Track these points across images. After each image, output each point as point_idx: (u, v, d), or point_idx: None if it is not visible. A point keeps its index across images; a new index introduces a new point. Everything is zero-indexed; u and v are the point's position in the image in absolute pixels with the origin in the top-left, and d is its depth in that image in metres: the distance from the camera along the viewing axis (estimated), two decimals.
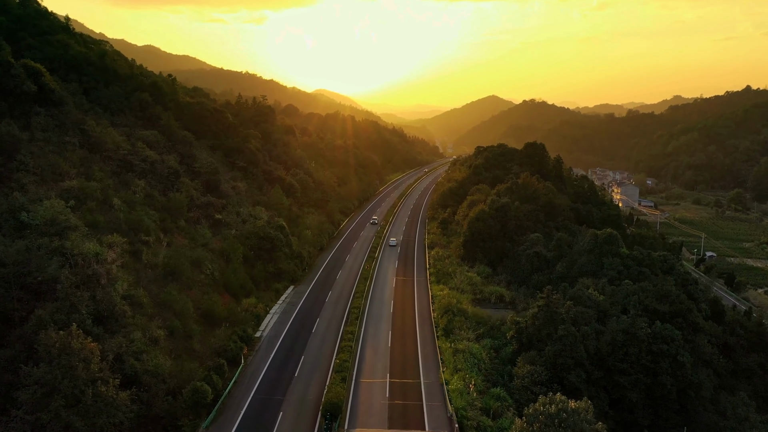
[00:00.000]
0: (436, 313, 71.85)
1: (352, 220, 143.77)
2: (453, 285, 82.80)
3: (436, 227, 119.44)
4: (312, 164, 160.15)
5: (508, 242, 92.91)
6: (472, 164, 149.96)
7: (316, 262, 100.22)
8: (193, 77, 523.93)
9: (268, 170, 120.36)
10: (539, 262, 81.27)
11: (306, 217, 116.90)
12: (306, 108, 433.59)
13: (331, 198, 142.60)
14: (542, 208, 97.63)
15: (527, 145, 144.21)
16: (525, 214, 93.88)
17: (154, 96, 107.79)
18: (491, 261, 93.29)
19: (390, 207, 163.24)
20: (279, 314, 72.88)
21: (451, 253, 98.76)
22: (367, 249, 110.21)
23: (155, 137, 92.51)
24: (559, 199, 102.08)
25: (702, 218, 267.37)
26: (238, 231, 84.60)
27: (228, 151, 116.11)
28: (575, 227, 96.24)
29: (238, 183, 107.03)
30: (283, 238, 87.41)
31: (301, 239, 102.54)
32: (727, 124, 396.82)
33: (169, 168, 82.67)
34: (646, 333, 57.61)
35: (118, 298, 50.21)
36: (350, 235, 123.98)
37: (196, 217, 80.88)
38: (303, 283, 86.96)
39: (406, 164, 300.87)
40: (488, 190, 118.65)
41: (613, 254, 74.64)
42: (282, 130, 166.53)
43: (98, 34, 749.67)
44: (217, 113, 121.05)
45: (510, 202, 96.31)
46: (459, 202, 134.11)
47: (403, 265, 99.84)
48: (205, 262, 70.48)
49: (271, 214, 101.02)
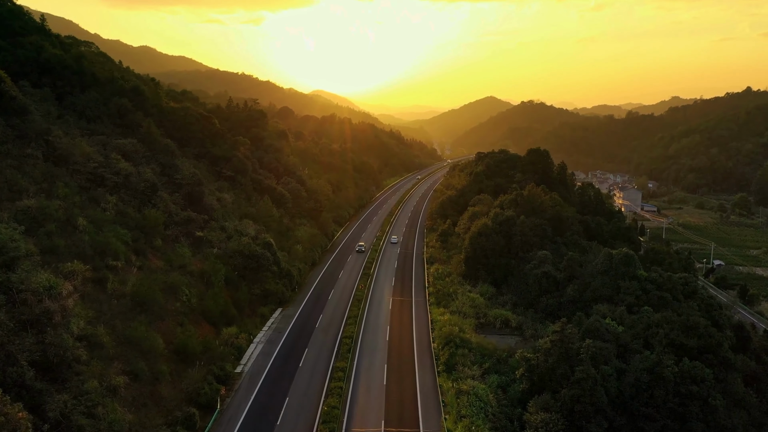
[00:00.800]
0: (436, 343, 65.28)
1: (347, 230, 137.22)
2: (454, 308, 76.27)
3: (435, 239, 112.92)
4: (305, 171, 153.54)
5: (513, 259, 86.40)
6: (472, 171, 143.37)
7: (308, 279, 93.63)
8: (188, 78, 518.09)
9: (257, 179, 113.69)
10: (548, 283, 74.80)
11: (297, 229, 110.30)
12: (303, 110, 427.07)
13: (325, 207, 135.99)
14: (549, 221, 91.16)
15: (530, 151, 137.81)
16: (531, 229, 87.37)
17: (134, 101, 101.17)
18: (495, 279, 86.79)
19: (387, 215, 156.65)
20: (264, 343, 66.27)
21: (451, 270, 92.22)
22: (362, 264, 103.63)
23: (134, 146, 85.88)
24: (566, 211, 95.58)
25: (706, 223, 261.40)
26: (221, 249, 77.90)
27: (215, 160, 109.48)
28: (585, 243, 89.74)
29: (225, 194, 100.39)
30: (270, 256, 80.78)
31: (292, 255, 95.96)
32: (729, 127, 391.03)
33: (145, 181, 75.97)
34: (673, 372, 51.15)
35: (72, 341, 43.58)
36: (345, 248, 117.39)
37: (174, 235, 74.19)
38: (292, 305, 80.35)
39: (404, 168, 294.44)
40: (490, 201, 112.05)
41: (630, 277, 68.24)
42: (275, 135, 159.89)
43: (93, 35, 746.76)
44: (203, 119, 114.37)
45: (515, 215, 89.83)
46: (459, 212, 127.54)
47: (401, 282, 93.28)
48: (182, 288, 63.78)
49: (259, 229, 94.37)
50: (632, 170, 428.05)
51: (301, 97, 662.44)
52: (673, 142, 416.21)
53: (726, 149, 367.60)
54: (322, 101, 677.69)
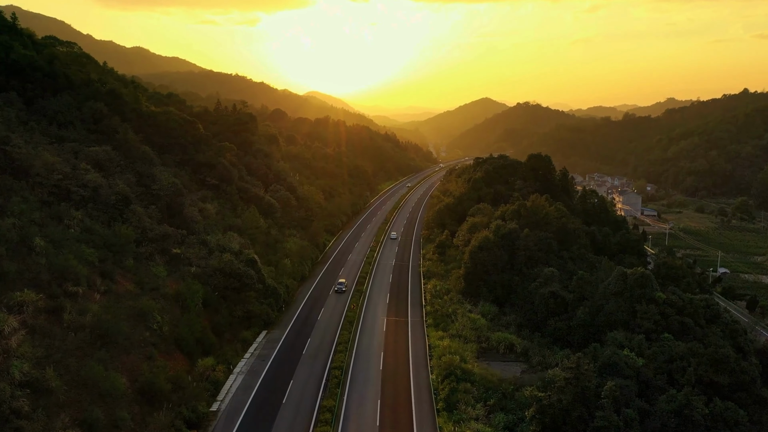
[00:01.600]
0: (435, 373, 59.14)
1: (340, 239, 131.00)
2: (454, 331, 70.21)
3: (432, 251, 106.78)
4: (297, 177, 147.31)
5: (517, 276, 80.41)
6: (470, 177, 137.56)
7: (296, 296, 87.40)
8: (181, 79, 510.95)
9: (243, 188, 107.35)
10: (556, 304, 68.79)
11: (287, 241, 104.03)
12: (297, 111, 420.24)
13: (317, 215, 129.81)
14: (554, 234, 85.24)
15: (531, 157, 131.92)
16: (535, 243, 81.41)
17: (111, 105, 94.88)
18: (497, 297, 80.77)
19: (381, 223, 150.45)
20: (245, 374, 60.03)
21: (450, 286, 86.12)
22: (354, 278, 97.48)
23: (108, 154, 79.58)
24: (573, 223, 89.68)
25: (707, 228, 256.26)
26: (200, 268, 71.53)
27: (198, 167, 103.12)
28: (593, 258, 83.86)
29: (208, 204, 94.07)
30: (254, 274, 74.48)
31: (279, 270, 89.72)
32: (728, 129, 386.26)
33: (117, 194, 69.62)
34: (703, 415, 45.16)
35: (11, 390, 37.37)
36: (337, 260, 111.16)
37: (148, 253, 67.80)
38: (278, 327, 74.11)
39: (399, 171, 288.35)
40: (491, 211, 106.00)
41: (648, 299, 62.35)
42: (265, 140, 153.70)
43: (85, 36, 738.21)
44: (186, 124, 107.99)
45: (518, 228, 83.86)
46: (457, 221, 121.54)
47: (396, 299, 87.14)
48: (153, 314, 57.39)
49: (244, 243, 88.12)
50: (630, 173, 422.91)
51: (295, 98, 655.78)
52: (671, 144, 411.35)
53: (725, 152, 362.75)
54: (317, 102, 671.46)
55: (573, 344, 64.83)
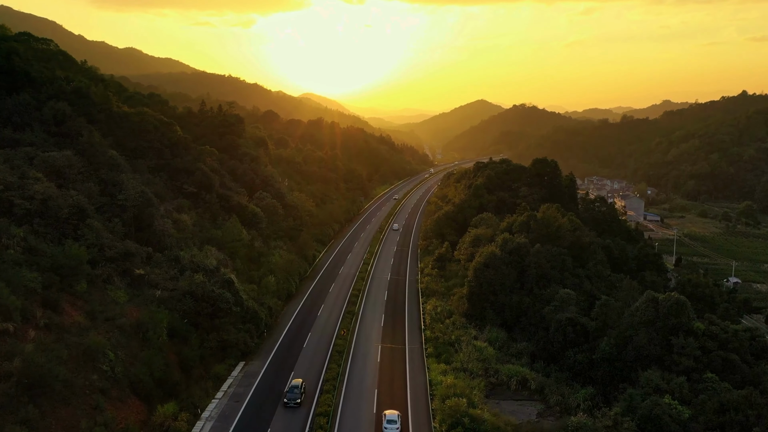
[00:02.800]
0: (438, 419, 50.30)
1: (331, 249, 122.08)
2: (458, 363, 61.43)
3: (431, 265, 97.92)
4: (285, 182, 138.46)
5: (527, 296, 71.77)
6: (471, 184, 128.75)
7: (281, 318, 78.46)
8: (173, 80, 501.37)
9: (225, 195, 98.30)
10: (575, 333, 60.20)
11: (272, 254, 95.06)
12: (292, 113, 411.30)
13: (307, 224, 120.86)
14: (568, 249, 76.69)
15: (536, 162, 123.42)
16: (548, 260, 72.86)
17: (76, 105, 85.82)
18: (505, 320, 72.12)
19: (376, 231, 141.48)
20: (214, 420, 51.11)
21: (452, 307, 77.34)
22: (346, 296, 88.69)
23: (67, 160, 70.50)
24: (587, 236, 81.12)
25: (712, 234, 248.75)
26: (167, 291, 62.52)
27: (175, 173, 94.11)
28: (612, 276, 75.38)
29: (184, 215, 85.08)
30: (230, 297, 65.48)
31: (262, 288, 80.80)
32: (729, 131, 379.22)
33: (71, 206, 60.58)
34: None
35: None
36: (328, 274, 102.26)
37: (105, 274, 58.76)
38: (258, 356, 65.18)
39: (395, 175, 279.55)
40: (496, 221, 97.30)
41: (685, 331, 53.85)
42: (252, 143, 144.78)
43: (77, 36, 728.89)
44: (163, 125, 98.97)
45: (527, 242, 75.26)
46: (457, 231, 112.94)
47: (391, 321, 78.31)
48: (104, 351, 48.46)
49: (223, 259, 79.22)
50: (629, 176, 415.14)
51: (289, 100, 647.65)
52: (671, 147, 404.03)
53: (727, 155, 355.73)
54: (312, 105, 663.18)
55: (596, 381, 56.29)
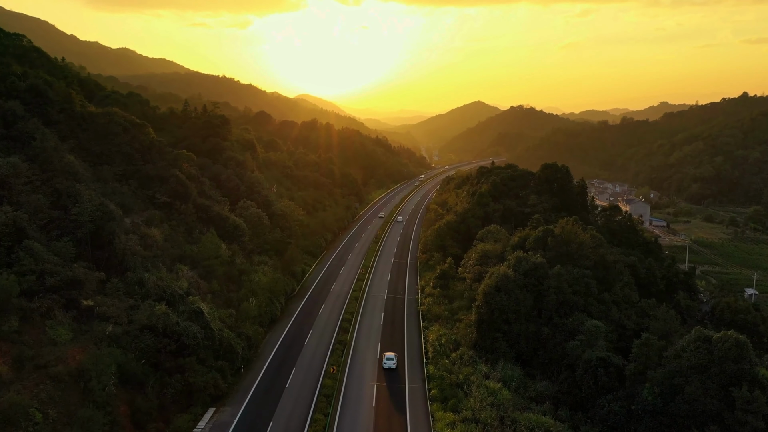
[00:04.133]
0: None
1: (323, 263, 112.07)
2: (468, 411, 51.59)
3: (432, 283, 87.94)
4: (274, 189, 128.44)
5: (546, 326, 62.02)
6: (475, 191, 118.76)
7: (262, 349, 68.50)
8: (166, 81, 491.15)
9: (203, 205, 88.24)
10: (607, 377, 50.61)
11: (256, 271, 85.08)
12: (287, 114, 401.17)
13: (296, 235, 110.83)
14: (591, 269, 66.99)
15: (545, 167, 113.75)
16: (570, 283, 63.16)
17: (31, 104, 75.75)
18: (520, 353, 62.35)
19: (372, 241, 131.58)
20: None
21: (458, 336, 67.44)
22: (338, 318, 78.92)
23: (12, 168, 60.63)
24: (611, 253, 71.35)
25: (721, 240, 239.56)
26: (121, 325, 52.52)
27: (146, 181, 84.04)
28: (643, 302, 65.72)
29: (154, 229, 74.92)
30: (198, 330, 55.57)
31: (241, 313, 70.87)
32: (733, 134, 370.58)
33: (3, 225, 50.56)
34: None
35: None
36: (317, 292, 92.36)
37: (44, 308, 48.72)
38: (231, 401, 55.19)
39: (392, 179, 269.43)
40: (505, 234, 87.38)
41: (748, 379, 44.25)
42: (239, 146, 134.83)
43: (69, 37, 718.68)
44: (134, 128, 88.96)
45: (544, 262, 65.57)
46: (461, 243, 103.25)
47: (388, 348, 68.43)
48: (29, 412, 38.53)
49: (196, 282, 69.20)
50: (630, 179, 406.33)
51: (285, 101, 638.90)
52: (674, 149, 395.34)
53: (731, 157, 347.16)
54: (307, 106, 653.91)
55: None
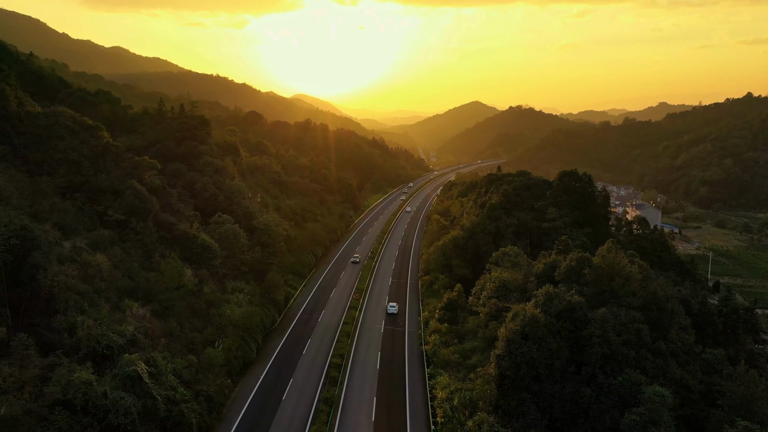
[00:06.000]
0: None
1: (311, 283, 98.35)
2: None
3: (438, 314, 74.20)
4: (258, 198, 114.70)
5: (588, 386, 48.55)
6: (484, 201, 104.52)
7: (227, 410, 54.74)
8: (158, 80, 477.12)
9: (166, 223, 74.40)
10: None
11: (228, 301, 71.34)
12: (282, 115, 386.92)
13: (281, 252, 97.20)
14: (641, 310, 53.46)
15: (564, 175, 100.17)
16: (617, 330, 49.68)
17: None
18: (554, 420, 48.77)
19: (367, 257, 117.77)
20: None
21: (474, 394, 53.77)
22: (325, 361, 65.41)
23: None
24: (662, 288, 57.70)
25: (736, 248, 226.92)
26: (23, 401, 38.80)
27: (96, 195, 70.19)
28: (709, 354, 52.27)
29: (100, 255, 61.11)
30: (134, 404, 41.84)
31: (204, 362, 57.09)
32: (742, 135, 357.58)
33: None
34: None
35: None
36: (303, 322, 78.71)
37: None
38: None
39: (389, 182, 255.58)
40: (525, 259, 73.21)
41: None
42: (220, 150, 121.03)
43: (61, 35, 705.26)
44: (84, 131, 75.14)
45: (583, 301, 52.16)
46: (469, 263, 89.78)
47: (386, 412, 54.93)
48: None
49: (149, 319, 55.42)
50: (635, 182, 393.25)
51: (280, 101, 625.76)
52: (680, 151, 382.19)
53: (741, 160, 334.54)
54: (303, 105, 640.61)
55: None
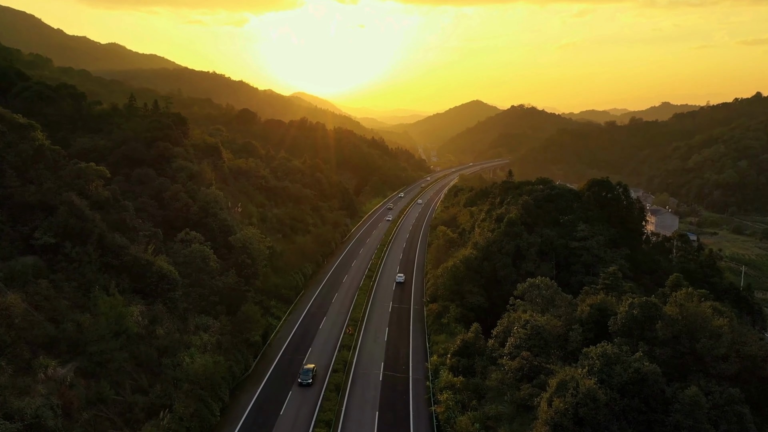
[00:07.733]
0: None
1: (297, 311, 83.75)
2: None
3: (449, 361, 59.01)
4: (239, 208, 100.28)
5: None
6: (501, 215, 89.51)
7: None
8: (152, 76, 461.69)
9: (114, 247, 59.86)
10: None
11: (188, 345, 56.83)
12: (280, 113, 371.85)
13: (261, 275, 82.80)
14: (736, 381, 39.24)
15: (594, 184, 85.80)
16: (711, 416, 35.48)
17: None
18: None
19: (364, 276, 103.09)
20: None
21: None
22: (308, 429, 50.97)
23: None
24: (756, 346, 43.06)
25: (758, 256, 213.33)
26: None
27: (21, 211, 55.78)
28: None
29: (13, 294, 46.71)
30: None
31: None
32: (757, 136, 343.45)
33: None
34: None
35: None
36: (283, 367, 64.09)
37: None
38: None
39: (389, 185, 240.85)
40: (562, 295, 58.38)
41: None
42: (197, 152, 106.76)
43: (56, 30, 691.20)
44: (11, 131, 60.60)
45: (657, 368, 37.73)
46: (484, 288, 75.59)
47: None
48: None
49: (67, 388, 41.03)
50: (644, 184, 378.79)
51: (278, 99, 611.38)
52: (691, 152, 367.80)
53: (757, 162, 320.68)
54: (302, 104, 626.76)
55: None
